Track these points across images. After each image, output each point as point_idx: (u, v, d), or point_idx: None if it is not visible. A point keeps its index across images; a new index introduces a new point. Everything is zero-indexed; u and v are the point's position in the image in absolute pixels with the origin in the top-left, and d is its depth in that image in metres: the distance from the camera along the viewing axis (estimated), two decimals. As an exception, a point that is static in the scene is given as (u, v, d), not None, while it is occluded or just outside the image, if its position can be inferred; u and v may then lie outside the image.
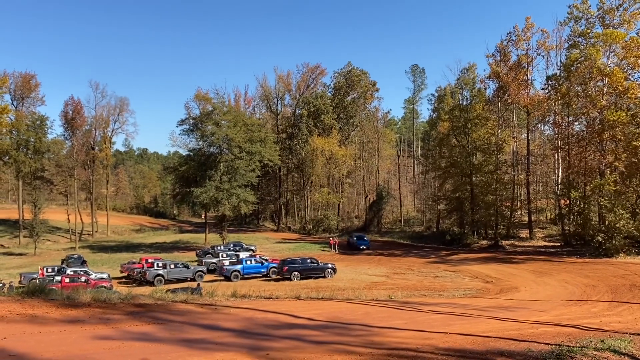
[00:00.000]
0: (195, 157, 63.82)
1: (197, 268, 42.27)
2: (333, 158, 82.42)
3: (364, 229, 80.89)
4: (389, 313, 16.92)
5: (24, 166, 69.86)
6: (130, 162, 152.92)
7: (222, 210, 60.27)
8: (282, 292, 24.57)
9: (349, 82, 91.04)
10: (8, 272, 46.06)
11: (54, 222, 77.93)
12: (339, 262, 46.10)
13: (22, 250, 64.87)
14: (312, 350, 9.41)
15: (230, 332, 11.47)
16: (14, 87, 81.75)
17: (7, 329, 10.18)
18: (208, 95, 69.33)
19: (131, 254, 56.36)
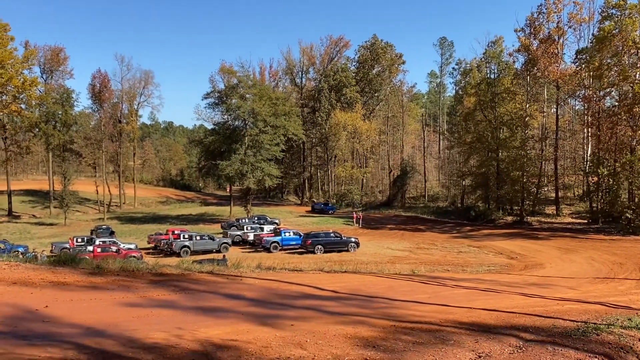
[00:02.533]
0: (221, 130, 64.22)
1: (222, 240, 42.87)
2: (357, 132, 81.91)
3: (387, 204, 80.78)
4: (412, 287, 16.96)
5: (53, 139, 71.18)
6: (157, 135, 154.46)
7: (247, 184, 60.76)
8: (306, 265, 24.80)
9: (374, 55, 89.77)
10: (40, 242, 47.44)
11: (83, 194, 79.62)
12: (362, 237, 46.23)
13: (53, 220, 66.59)
14: (335, 322, 9.51)
15: (254, 302, 11.67)
16: (43, 60, 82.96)
17: (41, 296, 10.54)
18: (233, 68, 69.32)
19: (158, 225, 57.39)
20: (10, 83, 65.71)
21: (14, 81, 66.00)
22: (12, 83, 65.85)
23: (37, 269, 13.49)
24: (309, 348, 7.48)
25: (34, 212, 76.05)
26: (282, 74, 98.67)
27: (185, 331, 8.08)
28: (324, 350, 7.38)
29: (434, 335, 8.66)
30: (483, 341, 8.23)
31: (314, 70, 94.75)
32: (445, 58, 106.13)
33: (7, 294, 10.63)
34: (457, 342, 8.14)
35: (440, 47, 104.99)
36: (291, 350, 7.32)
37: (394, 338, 8.35)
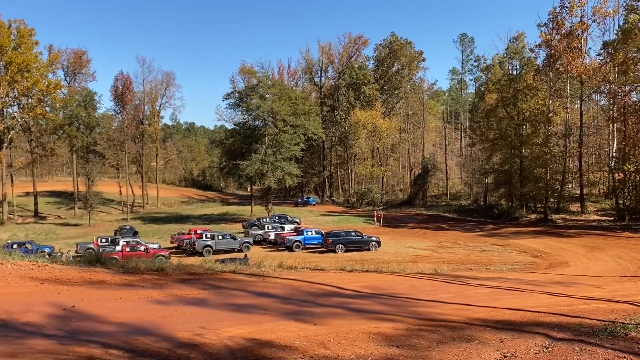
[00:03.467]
0: (241, 130, 64.59)
1: (244, 239, 43.08)
2: (377, 130, 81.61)
3: (408, 203, 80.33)
4: (435, 286, 16.84)
5: (77, 140, 72.30)
6: (178, 136, 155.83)
7: (267, 183, 60.99)
8: (327, 264, 24.77)
9: (393, 53, 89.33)
10: (65, 242, 48.26)
11: (107, 195, 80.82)
12: (383, 236, 46.01)
13: (78, 221, 67.69)
14: (358, 321, 9.51)
15: (278, 301, 11.72)
16: (66, 63, 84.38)
17: (69, 295, 10.73)
18: (253, 68, 69.61)
19: (180, 225, 57.92)
20: (35, 86, 66.88)
21: (39, 85, 67.17)
22: (37, 86, 67.01)
23: (64, 269, 13.74)
24: (332, 347, 7.48)
25: (59, 213, 77.43)
26: (301, 74, 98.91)
27: (210, 329, 8.16)
28: (348, 350, 7.37)
29: (458, 334, 8.60)
30: (508, 340, 8.15)
31: (332, 69, 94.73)
32: (466, 55, 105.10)
33: (36, 293, 10.85)
34: (481, 341, 8.07)
35: (460, 43, 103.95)
36: (314, 349, 7.33)
37: (418, 337, 8.32)
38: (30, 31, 67.55)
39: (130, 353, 6.66)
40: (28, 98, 68.45)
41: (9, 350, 6.54)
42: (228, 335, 7.85)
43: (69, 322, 8.54)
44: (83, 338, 7.39)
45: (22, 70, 65.08)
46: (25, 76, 65.66)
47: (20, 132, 72.11)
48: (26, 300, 10.05)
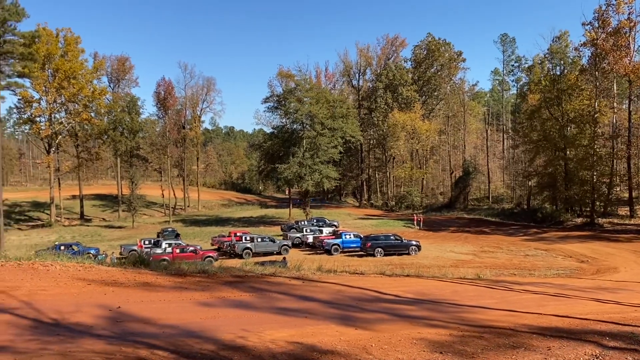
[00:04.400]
0: (279, 134, 65.08)
1: (282, 242, 43.30)
2: (416, 133, 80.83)
3: (449, 206, 79.22)
4: (478, 292, 16.48)
5: (121, 145, 74.33)
6: (218, 140, 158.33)
7: (305, 186, 61.19)
8: (366, 268, 24.61)
9: (431, 54, 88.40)
10: (110, 244, 49.59)
11: (150, 197, 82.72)
12: (423, 240, 45.43)
13: (122, 223, 69.50)
14: (400, 326, 9.38)
15: (318, 304, 11.68)
16: (110, 69, 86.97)
17: (115, 296, 10.98)
18: (290, 72, 70.14)
19: (220, 227, 58.70)
20: (81, 92, 69.24)
21: (85, 91, 69.50)
22: (82, 92, 69.36)
23: (109, 270, 14.09)
24: (374, 352, 7.39)
25: (103, 215, 79.71)
26: (338, 76, 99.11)
27: (253, 332, 8.19)
28: (390, 355, 7.27)
29: (503, 340, 8.38)
30: (556, 348, 7.88)
31: (370, 71, 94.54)
32: (507, 55, 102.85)
33: (84, 294, 11.15)
34: (528, 349, 7.84)
35: (501, 43, 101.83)
36: (356, 353, 7.25)
37: (462, 343, 8.13)
38: (76, 39, 70.01)
39: (175, 354, 6.74)
40: (74, 104, 70.87)
41: (61, 349, 6.73)
42: (270, 338, 7.86)
43: (116, 322, 8.73)
44: (129, 338, 7.53)
45: (69, 77, 67.50)
46: (72, 83, 68.07)
47: (67, 137, 74.69)
48: (75, 301, 10.34)
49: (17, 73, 49.34)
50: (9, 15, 46.02)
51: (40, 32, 60.35)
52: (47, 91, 67.24)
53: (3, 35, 46.49)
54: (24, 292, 10.75)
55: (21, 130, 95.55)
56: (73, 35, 70.07)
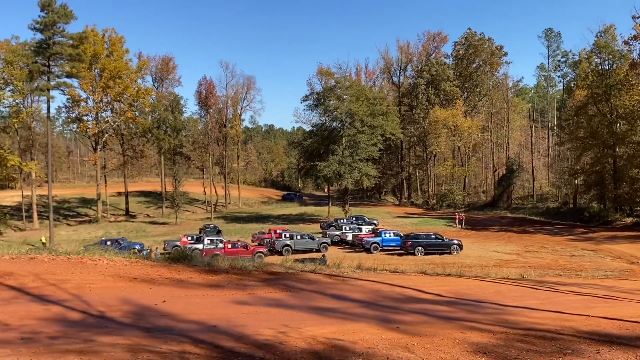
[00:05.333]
0: (319, 132, 65.25)
1: (321, 240, 43.42)
2: (458, 130, 79.55)
3: (492, 205, 77.76)
4: (522, 292, 16.09)
5: (164, 143, 76.03)
6: (258, 138, 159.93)
7: (345, 184, 61.12)
8: (407, 267, 24.36)
9: (472, 49, 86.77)
10: (154, 240, 50.77)
11: (192, 194, 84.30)
12: (465, 239, 44.73)
13: (165, 219, 71.08)
14: (442, 326, 9.24)
15: (358, 302, 11.65)
16: (154, 69, 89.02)
17: (159, 291, 11.24)
18: (330, 70, 70.13)
19: (261, 224, 59.27)
20: (126, 92, 71.16)
21: (129, 90, 71.39)
22: (127, 92, 71.27)
23: (154, 265, 14.43)
24: (416, 351, 7.29)
25: (148, 211, 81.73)
26: (379, 73, 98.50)
27: (292, 329, 8.22)
28: (432, 355, 7.16)
29: (549, 343, 8.13)
30: (605, 352, 7.61)
31: (411, 67, 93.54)
32: (552, 50, 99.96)
33: (130, 288, 11.47)
34: (575, 352, 7.59)
35: (546, 38, 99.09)
36: (398, 352, 7.17)
37: (506, 345, 7.93)
38: (120, 39, 71.95)
39: (217, 349, 6.83)
40: (120, 103, 72.87)
41: (109, 341, 6.92)
42: (310, 335, 7.87)
43: (160, 316, 8.92)
44: (174, 332, 7.69)
45: (114, 77, 69.45)
46: (117, 82, 70.01)
47: (113, 135, 76.90)
48: (121, 295, 10.63)
49: (65, 73, 51.17)
50: (58, 18, 47.72)
51: (88, 33, 62.32)
52: (93, 90, 69.37)
53: (52, 37, 48.26)
54: (73, 285, 11.12)
55: (69, 129, 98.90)
56: (117, 35, 72.09)
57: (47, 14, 47.48)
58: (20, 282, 11.06)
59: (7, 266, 12.58)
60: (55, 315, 8.58)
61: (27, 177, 70.18)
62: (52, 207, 52.20)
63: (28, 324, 7.81)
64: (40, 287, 10.71)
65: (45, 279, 11.47)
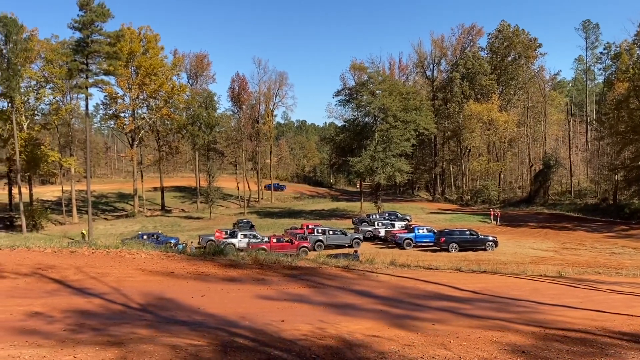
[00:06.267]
0: (351, 127, 65.03)
1: (354, 235, 43.35)
2: (493, 124, 78.14)
3: (528, 201, 76.19)
4: (560, 290, 15.75)
5: (199, 139, 77.03)
6: (290, 134, 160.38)
7: (377, 180, 60.80)
8: (441, 264, 24.09)
9: (507, 41, 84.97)
10: (189, 234, 51.56)
11: (226, 190, 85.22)
12: (500, 235, 43.99)
13: (200, 214, 72.07)
14: (478, 324, 9.11)
15: (381, 299, 11.58)
16: (189, 66, 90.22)
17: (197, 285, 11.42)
18: (363, 65, 69.76)
19: (293, 219, 59.52)
20: (161, 89, 72.34)
21: (165, 87, 72.53)
22: (163, 89, 72.44)
23: (190, 259, 14.68)
24: (453, 349, 7.22)
25: (182, 206, 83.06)
26: (412, 68, 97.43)
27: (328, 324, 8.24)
28: (470, 352, 7.08)
29: (589, 344, 7.95)
30: (650, 353, 7.38)
31: (445, 61, 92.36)
32: (591, 42, 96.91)
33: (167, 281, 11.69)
34: (617, 354, 7.40)
35: (583, 30, 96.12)
36: (435, 350, 7.12)
37: (545, 345, 7.78)
38: (155, 36, 73.06)
39: (255, 342, 6.91)
40: (155, 100, 74.12)
41: (148, 333, 7.07)
42: (347, 330, 7.89)
43: (197, 310, 9.08)
44: (211, 325, 7.81)
45: (150, 74, 70.64)
46: (153, 79, 71.19)
47: (149, 131, 78.30)
48: (159, 288, 10.85)
49: (103, 71, 52.25)
50: (96, 17, 48.78)
51: (124, 31, 63.51)
52: (130, 88, 70.74)
53: (90, 36, 49.39)
54: (113, 278, 11.40)
55: (107, 125, 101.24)
56: (153, 33, 73.25)
57: (85, 12, 48.57)
58: (63, 274, 11.40)
59: (50, 259, 12.99)
60: (97, 308, 8.81)
61: (67, 173, 72.09)
62: (91, 201, 53.56)
63: (71, 316, 8.05)
64: (82, 280, 11.02)
65: (86, 272, 11.79)
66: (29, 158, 61.79)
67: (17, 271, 11.38)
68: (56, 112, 66.66)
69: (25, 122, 63.38)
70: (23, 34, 58.76)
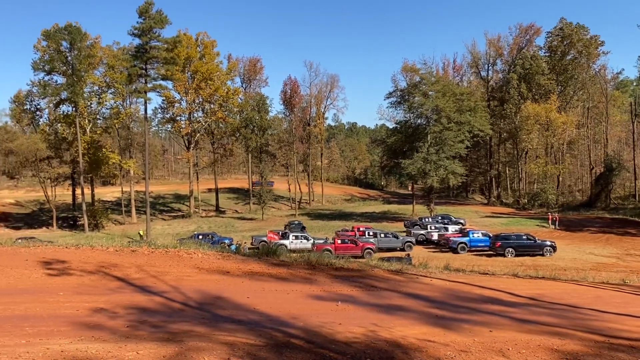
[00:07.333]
0: (403, 129, 64.41)
1: (406, 239, 42.90)
2: (551, 125, 75.51)
3: (588, 205, 73.19)
4: (624, 298, 15.05)
5: (251, 142, 78.32)
6: (341, 136, 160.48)
7: (430, 182, 59.88)
8: (497, 269, 23.47)
9: (567, 39, 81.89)
10: (242, 234, 52.42)
11: (277, 191, 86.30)
12: (558, 240, 42.48)
13: (252, 215, 73.23)
14: (538, 331, 8.84)
15: (451, 304, 11.39)
16: (242, 70, 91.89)
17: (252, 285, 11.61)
18: (415, 66, 68.96)
19: (344, 222, 59.48)
20: (216, 93, 74.01)
21: (220, 91, 74.18)
22: (218, 93, 74.10)
23: (245, 260, 14.94)
24: (512, 357, 7.04)
25: (236, 207, 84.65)
26: (466, 68, 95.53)
27: (381, 328, 8.20)
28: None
29: (659, 356, 7.54)
30: None
31: (501, 61, 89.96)
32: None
33: (224, 281, 11.94)
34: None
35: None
36: (492, 357, 6.97)
37: (609, 356, 7.47)
38: (212, 42, 74.87)
39: (309, 344, 6.96)
40: (210, 104, 75.91)
41: (206, 331, 7.26)
42: (401, 335, 7.82)
43: (252, 310, 9.23)
44: (266, 325, 7.93)
45: (206, 79, 72.44)
46: (209, 84, 72.97)
47: (204, 134, 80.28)
48: (216, 287, 11.11)
49: (161, 76, 53.97)
50: (154, 23, 50.48)
51: (181, 37, 65.42)
52: (187, 92, 72.75)
53: (149, 42, 51.14)
54: (172, 277, 11.76)
55: (164, 129, 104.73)
56: (209, 39, 75.10)
57: (144, 20, 50.35)
58: (125, 273, 11.86)
59: (112, 258, 13.55)
60: (157, 305, 9.11)
61: (126, 174, 74.87)
62: (149, 202, 55.41)
63: (133, 313, 8.36)
64: (143, 279, 11.42)
65: (147, 270, 12.22)
66: (92, 160, 64.62)
67: (83, 269, 11.92)
68: (117, 116, 69.43)
69: (88, 126, 66.34)
70: (87, 42, 61.60)
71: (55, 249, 14.70)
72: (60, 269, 11.75)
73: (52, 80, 61.41)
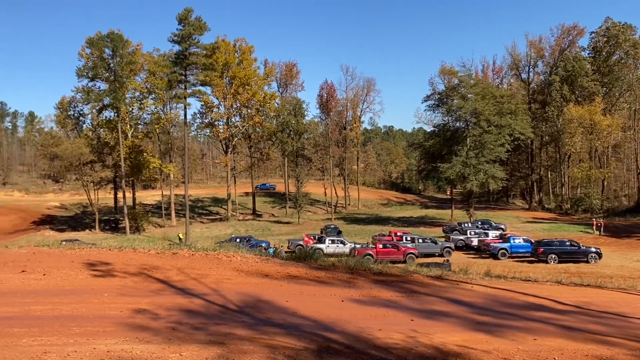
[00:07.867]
0: (441, 132, 63.61)
1: (444, 244, 42.29)
2: (595, 128, 73.22)
3: (635, 210, 70.55)
4: (678, 308, 14.38)
5: (288, 146, 78.81)
6: (377, 140, 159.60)
7: (469, 187, 58.88)
8: (539, 275, 22.76)
9: (613, 39, 79.24)
10: (278, 238, 52.72)
11: (313, 195, 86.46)
12: (604, 247, 41.12)
13: (288, 219, 73.60)
14: (585, 340, 8.54)
15: (494, 310, 11.14)
16: (279, 75, 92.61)
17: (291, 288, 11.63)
18: (453, 69, 67.99)
19: (380, 226, 59.12)
20: (254, 98, 74.79)
21: (257, 96, 74.92)
22: (255, 98, 74.86)
23: (283, 263, 14.98)
24: (558, 367, 6.81)
25: (272, 211, 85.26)
26: (506, 70, 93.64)
27: (420, 334, 8.07)
28: (576, 371, 6.64)
29: None
30: None
31: (542, 63, 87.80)
32: None
33: (263, 284, 12.00)
34: None
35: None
36: (537, 367, 6.75)
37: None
38: (249, 48, 75.78)
39: (349, 349, 6.91)
40: (248, 109, 76.77)
41: (246, 334, 7.29)
42: (440, 342, 7.67)
43: (292, 314, 9.23)
44: (306, 330, 7.90)
45: (244, 84, 73.30)
46: (246, 89, 73.83)
47: (242, 139, 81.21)
48: (255, 290, 11.17)
49: (200, 82, 54.96)
50: (194, 30, 51.46)
51: (219, 43, 66.42)
52: (225, 97, 73.75)
53: (188, 48, 52.12)
54: (212, 280, 11.90)
55: (203, 133, 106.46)
56: (247, 45, 76.04)
57: (183, 27, 51.38)
58: (166, 275, 12.06)
59: (154, 260, 13.80)
60: (198, 307, 9.22)
61: (166, 178, 76.37)
62: (188, 205, 56.38)
63: (175, 315, 8.48)
64: (184, 281, 11.59)
65: (187, 273, 12.39)
66: (133, 164, 66.22)
67: (126, 271, 12.18)
68: (157, 121, 71.00)
69: (129, 131, 68.01)
70: (128, 49, 63.23)
71: (99, 251, 15.08)
72: (104, 271, 12.04)
73: (95, 86, 63.45)
